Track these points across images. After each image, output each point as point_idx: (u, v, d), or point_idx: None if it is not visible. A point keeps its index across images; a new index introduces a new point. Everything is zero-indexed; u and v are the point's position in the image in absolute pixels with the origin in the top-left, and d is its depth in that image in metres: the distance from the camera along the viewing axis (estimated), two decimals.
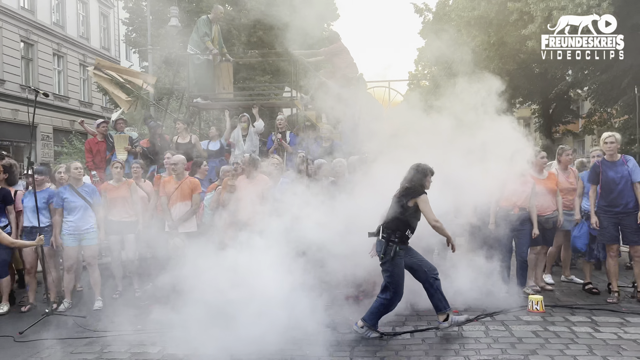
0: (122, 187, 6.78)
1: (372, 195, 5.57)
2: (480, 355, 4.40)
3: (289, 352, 4.56)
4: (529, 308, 5.66)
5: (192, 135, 8.92)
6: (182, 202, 6.67)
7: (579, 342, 4.66)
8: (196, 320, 4.78)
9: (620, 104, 16.92)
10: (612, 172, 5.99)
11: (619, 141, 6.11)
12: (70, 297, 6.41)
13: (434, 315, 5.48)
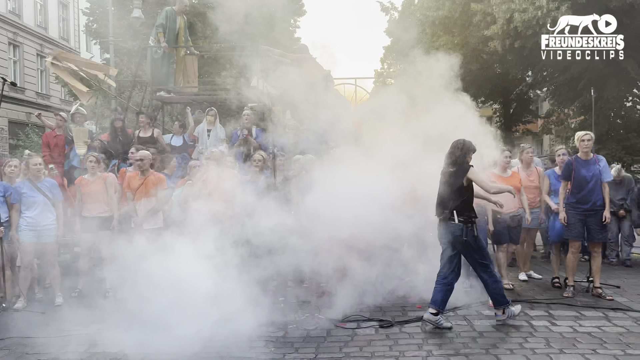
0: (97, 182, 6.63)
1: (331, 191, 5.60)
2: (443, 349, 4.48)
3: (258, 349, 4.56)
4: (490, 303, 5.78)
5: (154, 130, 8.72)
6: (147, 198, 6.54)
7: (537, 336, 4.81)
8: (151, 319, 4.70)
9: (577, 104, 17.52)
10: (584, 170, 6.17)
11: (593, 140, 6.32)
12: (26, 294, 6.19)
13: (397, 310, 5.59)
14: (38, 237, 6.11)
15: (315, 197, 5.68)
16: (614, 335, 4.79)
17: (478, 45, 20.45)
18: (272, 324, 5.15)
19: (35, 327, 5.24)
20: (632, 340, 4.64)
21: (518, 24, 14.80)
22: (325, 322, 5.23)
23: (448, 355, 4.35)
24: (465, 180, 5.06)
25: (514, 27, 15.15)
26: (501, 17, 15.42)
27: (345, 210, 5.49)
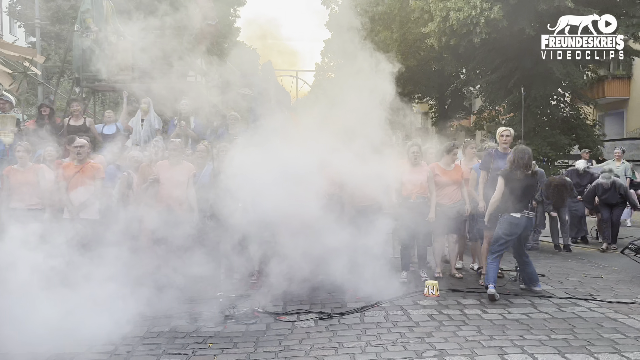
0: (28, 172, 6.22)
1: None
2: (381, 339, 4.56)
3: (195, 345, 4.45)
4: (425, 293, 5.97)
5: (86, 118, 8.30)
6: (83, 187, 6.23)
7: (470, 324, 5.00)
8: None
9: (507, 102, 18.33)
10: (501, 163, 6.45)
11: (512, 136, 6.63)
12: None
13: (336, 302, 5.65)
14: None
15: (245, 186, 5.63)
16: (539, 321, 5.06)
17: (416, 42, 20.97)
18: (210, 319, 5.05)
19: None
20: (555, 325, 4.92)
21: (454, 22, 15.26)
22: (264, 316, 5.19)
23: (386, 345, 4.43)
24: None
25: (450, 25, 15.61)
26: (438, 14, 15.84)
27: (273, 199, 5.49)
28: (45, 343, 4.27)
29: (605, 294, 6.08)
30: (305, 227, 5.77)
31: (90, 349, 4.35)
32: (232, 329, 4.86)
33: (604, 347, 4.33)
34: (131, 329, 4.83)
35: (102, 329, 4.50)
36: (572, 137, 17.60)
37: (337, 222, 5.95)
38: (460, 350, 4.29)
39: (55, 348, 4.28)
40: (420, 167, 6.67)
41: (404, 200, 6.60)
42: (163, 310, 5.33)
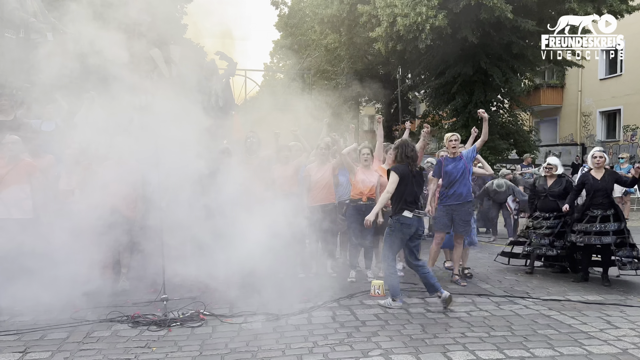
0: None
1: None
2: (328, 340, 4.59)
3: (139, 350, 4.32)
4: (371, 292, 6.06)
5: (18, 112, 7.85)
6: (17, 185, 5.91)
7: (414, 322, 5.11)
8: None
9: (450, 107, 18.94)
10: (451, 167, 6.67)
11: (459, 140, 6.86)
12: None
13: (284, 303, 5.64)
14: None
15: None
16: (479, 319, 5.24)
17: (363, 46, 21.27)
18: (154, 322, 4.92)
19: None
20: (494, 322, 5.12)
21: (400, 27, 15.61)
22: (210, 319, 5.11)
23: (333, 345, 4.46)
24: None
25: (397, 31, 15.96)
26: (385, 20, 16.16)
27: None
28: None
29: (540, 292, 6.39)
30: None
31: (21, 357, 4.13)
32: (177, 332, 4.75)
33: (539, 342, 4.54)
34: (68, 334, 4.64)
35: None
36: (510, 142, 18.42)
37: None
38: (405, 349, 4.39)
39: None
40: (371, 170, 6.78)
41: (354, 201, 6.71)
42: (104, 314, 5.16)
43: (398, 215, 5.45)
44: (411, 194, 5.44)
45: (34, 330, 4.75)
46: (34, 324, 4.95)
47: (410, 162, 5.47)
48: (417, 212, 5.45)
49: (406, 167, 5.46)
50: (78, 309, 5.32)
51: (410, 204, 5.43)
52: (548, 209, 7.24)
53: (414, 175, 5.47)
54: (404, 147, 5.52)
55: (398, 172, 5.42)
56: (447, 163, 6.74)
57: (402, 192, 5.41)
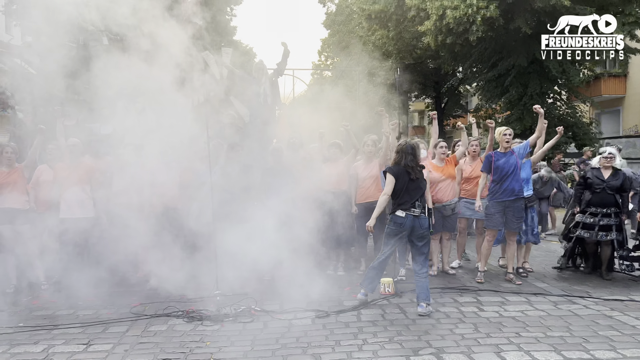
0: (13, 173, 6.21)
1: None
2: (377, 337, 4.58)
3: (193, 344, 4.46)
4: (380, 290, 5.95)
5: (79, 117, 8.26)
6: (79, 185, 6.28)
7: (466, 321, 5.01)
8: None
9: (503, 100, 18.38)
10: (503, 163, 6.47)
11: (513, 134, 6.68)
12: None
13: (333, 301, 5.67)
14: None
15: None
16: (535, 318, 5.08)
17: (412, 40, 20.98)
18: (208, 317, 5.06)
19: None
20: (551, 322, 4.94)
21: (450, 20, 15.30)
22: (261, 315, 5.20)
23: (382, 343, 4.44)
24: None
25: (446, 24, 15.65)
26: (434, 13, 15.87)
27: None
28: None
29: (601, 291, 6.11)
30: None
31: (85, 349, 4.36)
32: (230, 328, 4.86)
33: (599, 344, 4.35)
34: (128, 327, 4.85)
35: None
36: (568, 136, 17.67)
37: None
38: (456, 348, 4.31)
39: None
40: None
41: None
42: (160, 308, 5.35)
43: (392, 214, 5.42)
44: (407, 193, 5.34)
45: (96, 324, 4.99)
46: (96, 317, 5.20)
47: (408, 164, 5.39)
48: (412, 211, 5.32)
49: (401, 167, 5.39)
50: (137, 304, 5.54)
51: (404, 204, 5.33)
52: (607, 203, 6.63)
53: (411, 179, 5.35)
54: (401, 153, 5.44)
55: (392, 173, 5.39)
56: (497, 158, 6.56)
57: (397, 192, 5.36)
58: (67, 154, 6.35)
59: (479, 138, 7.65)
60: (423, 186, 5.43)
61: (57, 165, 6.40)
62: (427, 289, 5.29)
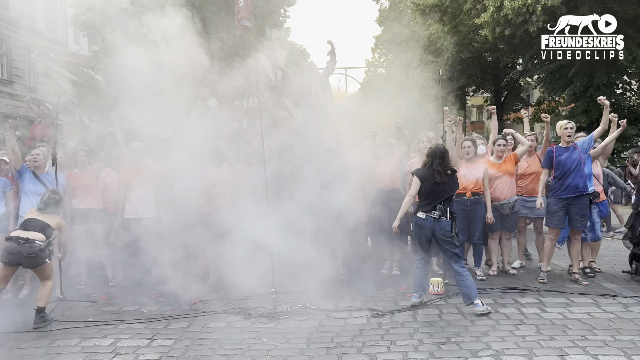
0: (88, 174, 6.58)
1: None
2: (434, 338, 4.50)
3: (250, 341, 4.56)
4: (430, 290, 5.82)
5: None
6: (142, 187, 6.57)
7: (528, 323, 4.83)
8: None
9: (567, 92, 17.57)
10: (565, 158, 6.20)
11: (575, 129, 6.39)
12: (31, 283, 6.28)
13: (388, 300, 5.63)
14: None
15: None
16: (603, 321, 4.83)
17: (469, 33, 20.46)
18: (264, 315, 5.16)
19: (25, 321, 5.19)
20: (621, 325, 4.68)
21: (508, 11, 14.82)
22: (316, 313, 5.23)
23: (439, 343, 4.36)
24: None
25: (504, 15, 15.17)
26: (491, 5, 15.42)
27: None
28: None
29: None
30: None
31: (149, 344, 4.55)
32: (286, 325, 4.93)
33: None
34: (189, 323, 5.02)
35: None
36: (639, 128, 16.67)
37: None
38: (517, 350, 4.17)
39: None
40: (476, 163, 6.50)
41: (458, 196, 6.47)
42: (220, 306, 5.50)
43: (414, 215, 5.44)
44: (429, 196, 5.30)
45: (159, 319, 5.19)
46: (159, 313, 5.41)
47: (435, 168, 5.31)
48: (433, 213, 5.23)
49: (427, 170, 5.37)
50: (197, 301, 5.73)
51: (425, 206, 5.31)
52: None
53: (436, 182, 5.28)
54: (431, 156, 5.40)
55: (418, 175, 5.39)
56: (559, 153, 6.28)
57: (420, 194, 5.37)
58: (131, 157, 6.65)
59: (533, 133, 7.33)
60: (449, 190, 5.33)
61: (121, 168, 6.72)
62: (472, 285, 5.19)
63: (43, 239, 5.07)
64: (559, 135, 6.41)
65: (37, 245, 4.97)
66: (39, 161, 6.38)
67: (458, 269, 5.23)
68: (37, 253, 4.95)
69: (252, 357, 4.20)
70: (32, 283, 6.23)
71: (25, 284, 6.36)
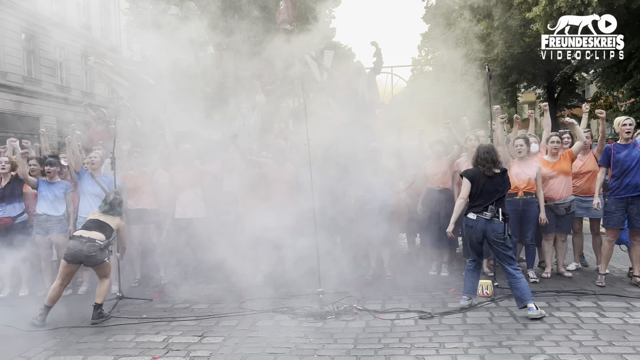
0: (143, 176, 6.82)
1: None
2: (485, 341, 4.39)
3: (298, 339, 4.59)
4: (479, 293, 5.64)
5: None
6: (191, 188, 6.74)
7: (585, 328, 4.64)
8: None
9: (626, 87, 16.75)
10: (624, 156, 5.93)
11: (634, 125, 6.09)
12: (89, 281, 6.58)
13: (437, 302, 5.53)
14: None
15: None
16: None
17: (519, 28, 19.84)
18: (311, 314, 5.18)
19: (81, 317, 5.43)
20: None
21: (562, 3, 14.27)
22: (363, 313, 5.21)
23: (490, 347, 4.25)
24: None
25: (557, 8, 14.62)
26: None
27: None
28: None
29: None
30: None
31: (200, 341, 4.65)
32: (332, 325, 4.93)
33: None
34: (237, 322, 5.11)
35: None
36: None
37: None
38: (573, 356, 4.00)
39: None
40: (528, 162, 6.28)
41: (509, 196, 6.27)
42: (268, 305, 5.57)
43: (465, 216, 5.30)
44: (481, 196, 5.16)
45: (209, 317, 5.31)
46: (209, 311, 5.53)
47: (483, 165, 5.23)
48: (484, 214, 5.09)
49: (477, 170, 5.26)
50: (245, 300, 5.82)
51: (477, 206, 5.18)
52: None
53: (488, 177, 5.18)
54: (478, 151, 5.36)
55: (468, 176, 5.31)
56: (617, 150, 5.98)
57: (472, 195, 5.26)
58: (181, 159, 6.83)
59: (588, 130, 7.00)
60: (501, 190, 5.18)
61: (172, 170, 6.91)
62: (525, 288, 5.02)
63: (103, 239, 5.30)
64: (617, 132, 6.11)
65: (97, 244, 5.21)
66: (96, 163, 6.65)
67: (511, 271, 5.08)
68: (97, 252, 5.19)
69: (299, 356, 4.23)
70: (90, 281, 6.50)
71: (83, 282, 6.66)
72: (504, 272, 5.19)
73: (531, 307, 4.93)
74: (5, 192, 6.39)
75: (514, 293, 5.09)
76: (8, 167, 6.45)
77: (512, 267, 5.10)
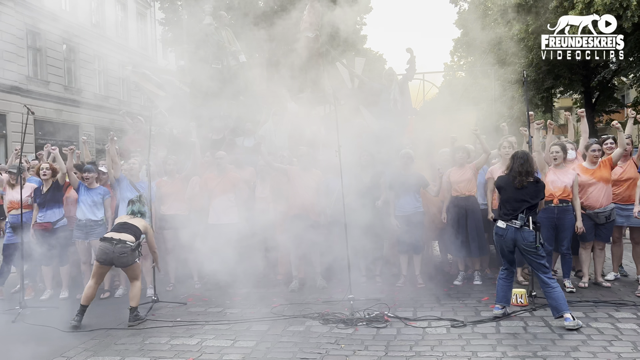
0: (176, 182, 6.98)
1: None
2: (519, 351, 4.31)
3: (329, 346, 4.61)
4: (512, 302, 5.51)
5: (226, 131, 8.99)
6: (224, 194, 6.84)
7: (624, 339, 4.50)
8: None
9: None
10: None
11: None
12: (125, 284, 6.74)
13: (470, 310, 5.47)
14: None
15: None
16: None
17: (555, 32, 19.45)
18: (342, 321, 5.19)
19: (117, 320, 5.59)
20: None
21: (599, 7, 13.95)
22: (395, 321, 5.19)
23: (524, 357, 4.17)
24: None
25: (595, 12, 14.28)
26: (580, 1, 14.57)
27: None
28: None
29: None
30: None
31: (232, 345, 4.73)
32: (363, 332, 4.93)
33: None
34: (269, 326, 5.16)
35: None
36: None
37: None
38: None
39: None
40: (565, 169, 6.15)
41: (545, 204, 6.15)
42: (299, 310, 5.61)
43: (495, 225, 5.26)
44: (510, 204, 5.11)
45: (241, 322, 5.38)
46: (241, 316, 5.61)
47: (514, 178, 5.14)
48: (514, 222, 5.00)
49: (507, 176, 5.24)
50: (277, 305, 5.87)
51: (506, 215, 5.11)
52: None
53: (516, 188, 5.11)
54: (513, 160, 5.25)
55: (497, 185, 5.37)
56: None
57: (502, 202, 5.26)
58: (215, 166, 6.96)
59: (628, 136, 6.78)
60: (531, 199, 5.06)
61: (204, 176, 7.05)
62: (561, 298, 4.91)
63: (133, 240, 5.45)
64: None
65: (128, 245, 5.37)
66: (135, 170, 6.85)
67: (546, 279, 4.98)
68: (128, 253, 5.35)
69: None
70: (126, 284, 6.68)
71: (120, 285, 6.85)
72: (539, 281, 5.10)
73: (567, 317, 4.82)
74: (46, 197, 6.62)
75: (549, 302, 4.98)
76: (49, 174, 6.68)
77: (546, 275, 5.00)
